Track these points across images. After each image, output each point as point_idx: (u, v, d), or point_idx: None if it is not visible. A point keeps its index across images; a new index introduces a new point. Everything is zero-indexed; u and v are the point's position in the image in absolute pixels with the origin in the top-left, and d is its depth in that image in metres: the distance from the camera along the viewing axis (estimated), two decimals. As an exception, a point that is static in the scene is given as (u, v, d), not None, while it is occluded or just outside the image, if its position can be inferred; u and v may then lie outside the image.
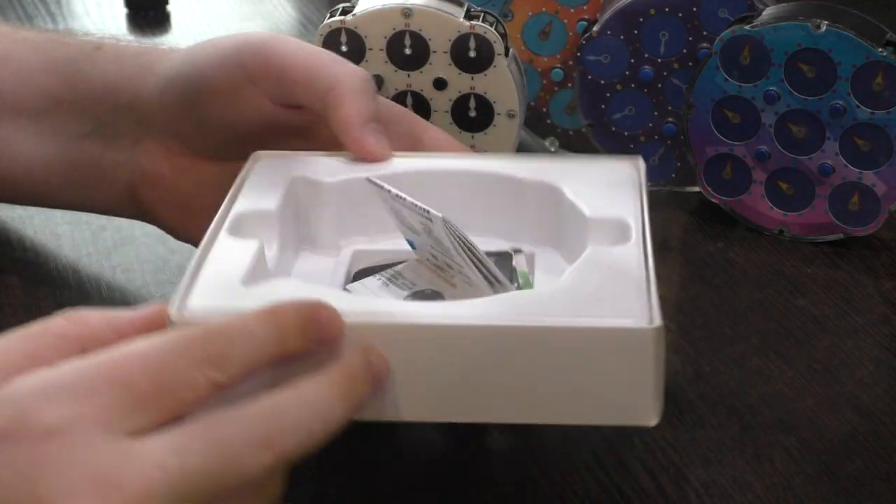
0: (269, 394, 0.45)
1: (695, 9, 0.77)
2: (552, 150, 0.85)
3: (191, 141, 0.66)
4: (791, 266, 0.74)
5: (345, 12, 0.73)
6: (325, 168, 0.61)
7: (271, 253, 0.56)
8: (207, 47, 0.65)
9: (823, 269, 0.74)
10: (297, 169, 0.61)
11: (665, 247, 0.76)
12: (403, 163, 0.62)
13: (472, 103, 0.74)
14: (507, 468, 0.58)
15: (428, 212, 0.54)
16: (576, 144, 0.85)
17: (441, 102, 0.75)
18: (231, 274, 0.52)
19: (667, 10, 0.77)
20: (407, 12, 0.72)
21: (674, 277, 0.74)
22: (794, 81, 0.73)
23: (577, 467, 0.58)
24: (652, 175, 0.81)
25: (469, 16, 0.73)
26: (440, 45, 0.73)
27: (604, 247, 0.55)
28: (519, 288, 0.57)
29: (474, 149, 0.75)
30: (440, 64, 0.74)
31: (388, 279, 0.58)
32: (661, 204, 0.80)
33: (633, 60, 0.79)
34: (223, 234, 0.55)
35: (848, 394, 0.63)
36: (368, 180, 0.57)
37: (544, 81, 0.83)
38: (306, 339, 0.47)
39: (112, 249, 0.74)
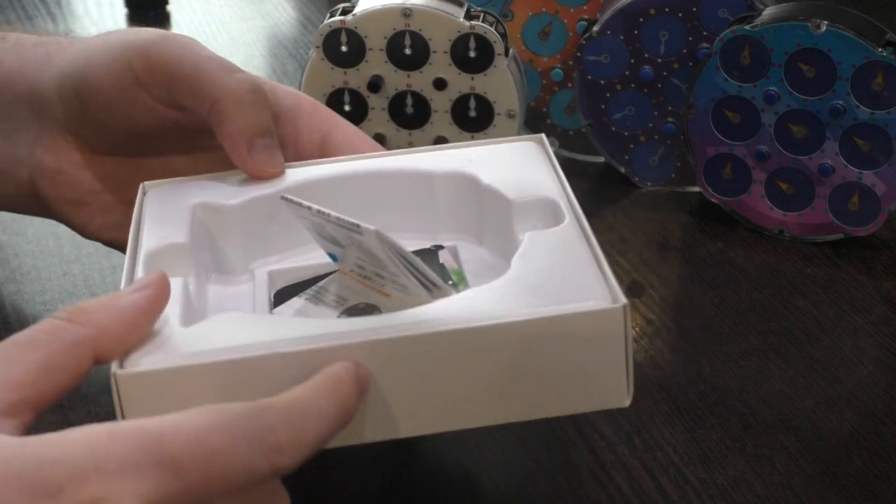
0: (261, 404, 0.43)
1: (695, 9, 0.77)
2: (552, 149, 0.85)
3: (88, 137, 0.63)
4: (791, 266, 0.74)
5: (345, 12, 0.73)
6: (223, 191, 0.59)
7: (190, 287, 0.53)
8: (99, 45, 0.62)
9: (823, 269, 0.74)
10: (193, 195, 0.58)
11: (665, 247, 0.76)
12: (301, 172, 0.59)
13: (472, 103, 0.74)
14: (508, 468, 0.58)
15: (358, 226, 0.51)
16: (576, 144, 0.85)
17: (441, 102, 0.75)
18: (164, 318, 0.49)
19: (667, 10, 0.77)
20: (407, 12, 0.72)
21: (674, 277, 0.74)
22: (794, 81, 0.73)
23: (577, 467, 0.58)
24: (652, 175, 0.81)
25: (469, 16, 0.73)
26: (440, 45, 0.73)
27: (540, 230, 0.54)
28: (455, 287, 0.55)
29: None
30: (440, 64, 0.74)
31: (314, 296, 0.55)
32: (661, 204, 0.80)
33: (633, 60, 0.79)
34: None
35: (848, 394, 0.63)
36: (283, 198, 0.54)
37: (544, 81, 0.83)
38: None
39: (112, 249, 0.74)
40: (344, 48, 0.73)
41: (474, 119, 0.75)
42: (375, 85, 0.74)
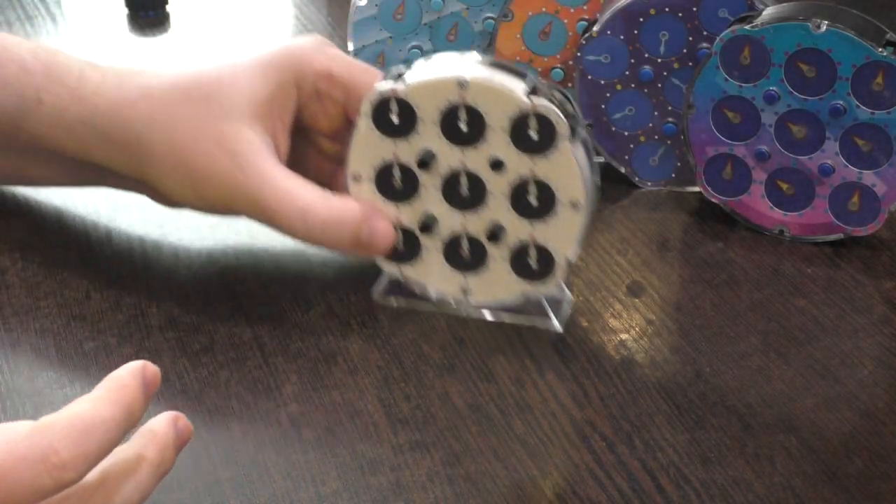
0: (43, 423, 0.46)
1: (695, 9, 0.77)
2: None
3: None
4: (791, 266, 0.74)
5: (398, 76, 0.65)
6: None
7: None
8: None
9: (823, 269, 0.74)
10: None
11: (665, 247, 0.76)
12: None
13: (533, 189, 0.65)
14: (507, 468, 0.58)
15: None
16: (576, 144, 0.85)
17: (498, 185, 0.65)
18: None
19: (667, 10, 0.77)
20: (462, 84, 0.64)
21: (674, 277, 0.74)
22: (794, 81, 0.73)
23: (577, 467, 0.58)
24: (652, 175, 0.81)
25: (533, 90, 0.64)
26: (498, 122, 0.64)
27: None
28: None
29: (533, 238, 0.66)
30: (497, 143, 0.64)
31: None
32: (661, 204, 0.80)
33: (632, 60, 0.79)
34: None
35: (848, 394, 0.63)
36: None
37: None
38: (146, 404, 0.48)
39: (113, 249, 0.74)
40: (394, 118, 0.65)
41: (536, 207, 0.65)
42: (426, 161, 0.65)
